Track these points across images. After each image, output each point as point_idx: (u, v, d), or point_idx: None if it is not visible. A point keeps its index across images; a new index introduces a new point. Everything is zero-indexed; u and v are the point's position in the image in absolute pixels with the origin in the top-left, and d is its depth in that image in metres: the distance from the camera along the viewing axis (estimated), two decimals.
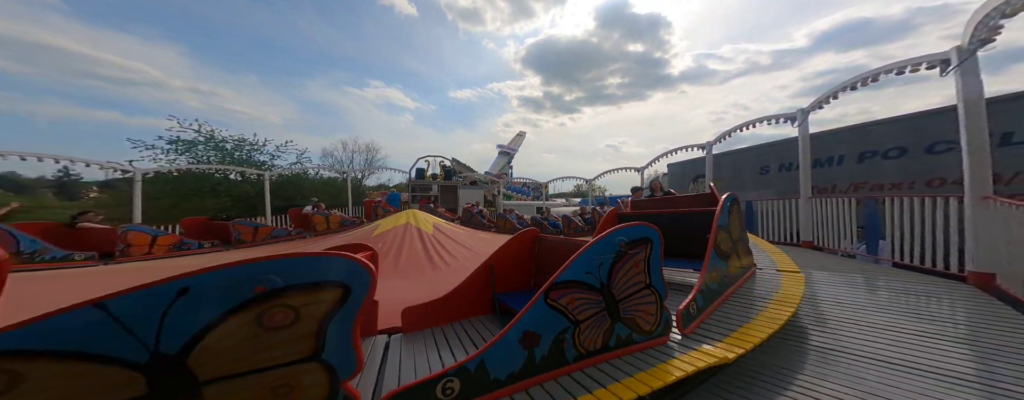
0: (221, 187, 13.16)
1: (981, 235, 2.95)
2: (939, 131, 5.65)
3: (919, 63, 3.41)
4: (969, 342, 1.93)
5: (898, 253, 3.71)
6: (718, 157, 7.97)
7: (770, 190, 8.03)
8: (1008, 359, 1.75)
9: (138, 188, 7.10)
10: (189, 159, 13.03)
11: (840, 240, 4.51)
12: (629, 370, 1.52)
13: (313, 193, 15.39)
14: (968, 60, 2.99)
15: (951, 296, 2.71)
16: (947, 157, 5.52)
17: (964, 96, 3.06)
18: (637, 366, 1.55)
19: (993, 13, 2.60)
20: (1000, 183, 4.55)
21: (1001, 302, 2.55)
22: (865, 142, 6.80)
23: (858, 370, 1.69)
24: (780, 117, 5.46)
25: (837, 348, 1.91)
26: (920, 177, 6.03)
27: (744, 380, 1.67)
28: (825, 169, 7.23)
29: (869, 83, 4.03)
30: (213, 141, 13.84)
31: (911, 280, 3.17)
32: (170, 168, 9.00)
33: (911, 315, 2.33)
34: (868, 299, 2.68)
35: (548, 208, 10.78)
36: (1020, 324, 2.15)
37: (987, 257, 2.90)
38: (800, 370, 1.72)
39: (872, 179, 6.71)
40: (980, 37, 2.83)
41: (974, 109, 3.04)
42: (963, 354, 1.79)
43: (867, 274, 3.43)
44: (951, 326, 2.14)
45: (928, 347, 1.87)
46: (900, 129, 6.38)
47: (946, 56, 3.17)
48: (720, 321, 1.98)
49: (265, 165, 14.94)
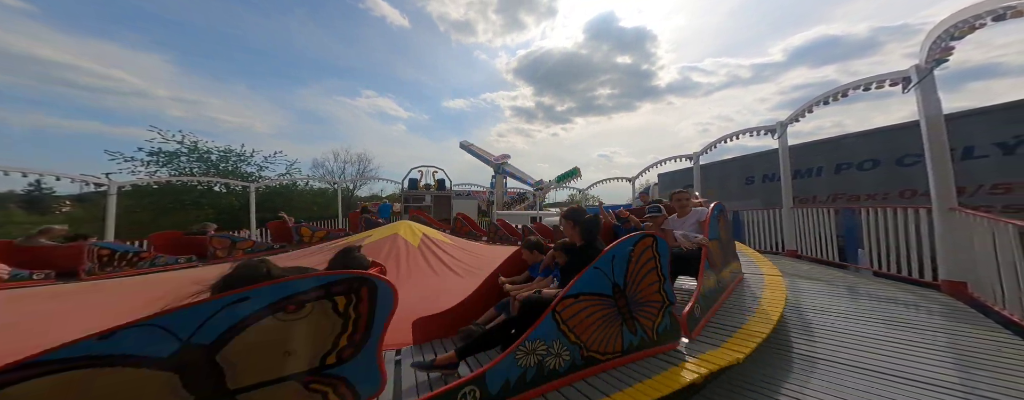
0: (204, 199, 12.80)
1: (950, 245, 3.07)
2: (907, 144, 5.95)
3: (883, 80, 3.63)
4: (944, 349, 1.98)
5: (876, 262, 3.82)
6: (705, 167, 8.19)
7: (755, 200, 8.24)
8: (980, 365, 1.79)
9: (112, 202, 6.83)
10: (171, 171, 12.68)
11: (821, 249, 4.63)
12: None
13: (302, 205, 15.08)
14: (926, 78, 3.19)
15: (926, 304, 2.79)
16: (915, 169, 5.79)
17: (925, 112, 3.26)
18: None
19: (944, 35, 2.81)
20: (965, 195, 4.78)
21: (973, 310, 2.63)
22: (841, 154, 7.09)
23: (840, 378, 1.71)
24: (762, 129, 5.68)
25: (820, 356, 1.93)
26: (892, 188, 6.29)
27: (736, 389, 1.68)
28: (805, 180, 7.48)
29: (840, 98, 4.25)
30: (197, 152, 13.55)
31: (889, 288, 3.26)
32: (150, 180, 8.70)
33: (889, 323, 2.38)
34: (848, 307, 2.73)
35: (540, 218, 10.80)
36: (991, 331, 2.23)
37: (957, 266, 3.01)
38: (785, 379, 1.73)
39: (849, 190, 6.96)
40: (935, 57, 3.04)
41: (934, 124, 3.23)
42: (939, 361, 1.84)
43: (847, 283, 3.51)
44: (928, 334, 2.20)
45: (905, 355, 1.91)
46: (872, 142, 6.69)
47: (907, 74, 3.39)
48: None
49: (252, 176, 14.65)
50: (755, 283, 2.87)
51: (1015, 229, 2.36)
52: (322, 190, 18.05)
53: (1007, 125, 5.12)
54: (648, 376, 1.52)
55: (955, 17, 2.62)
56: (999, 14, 2.26)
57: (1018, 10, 2.09)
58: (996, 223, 2.55)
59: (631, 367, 1.62)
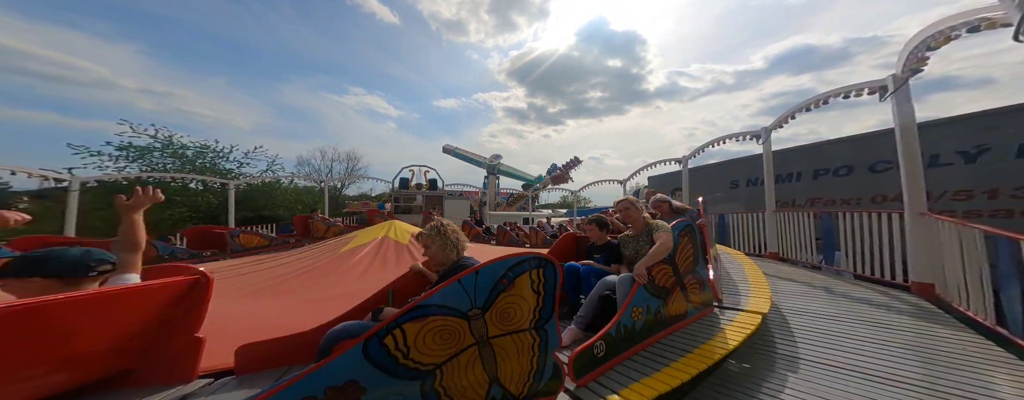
0: (178, 197, 12.17)
1: (919, 248, 3.23)
2: (879, 151, 6.27)
3: (862, 88, 3.79)
4: (913, 348, 2.07)
5: (851, 265, 3.99)
6: (693, 171, 8.38)
7: (740, 204, 8.50)
8: (945, 363, 1.89)
9: (74, 199, 6.40)
10: (142, 166, 12.01)
11: (801, 251, 4.80)
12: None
13: (285, 204, 14.56)
14: (902, 87, 3.35)
15: (897, 305, 2.93)
16: (886, 176, 6.11)
17: (899, 120, 3.42)
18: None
19: (920, 45, 2.95)
20: (930, 200, 5.07)
21: (940, 310, 2.78)
22: (819, 160, 7.40)
23: (818, 377, 1.76)
24: (746, 134, 5.85)
25: (800, 356, 1.99)
26: (866, 193, 6.61)
27: (724, 388, 1.71)
28: (786, 184, 7.77)
29: (821, 105, 4.42)
30: (171, 147, 12.88)
31: (863, 290, 3.40)
32: (119, 176, 8.20)
33: (863, 322, 2.49)
34: (826, 308, 2.83)
35: (532, 219, 10.81)
36: (955, 330, 2.35)
37: (926, 268, 3.17)
38: (767, 379, 1.78)
39: (826, 195, 7.27)
40: (911, 66, 3.19)
41: (908, 132, 3.39)
42: (907, 360, 1.92)
43: (824, 284, 3.65)
44: (899, 333, 2.30)
45: (877, 354, 2.00)
46: (847, 149, 7.01)
47: (884, 83, 3.55)
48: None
49: (231, 173, 14.03)
50: (740, 279, 2.94)
51: (981, 234, 2.50)
52: (308, 188, 17.50)
53: (970, 134, 5.46)
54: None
55: (932, 28, 2.75)
56: (974, 25, 2.38)
57: (991, 21, 2.20)
58: (963, 227, 2.70)
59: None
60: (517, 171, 20.63)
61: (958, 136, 5.52)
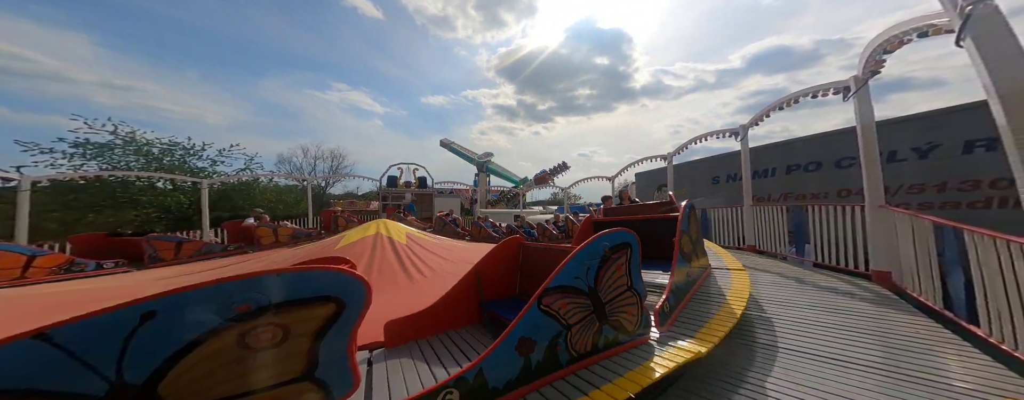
0: (143, 196, 11.45)
1: (878, 238, 3.48)
2: (844, 148, 6.66)
3: (828, 89, 4.02)
4: (873, 333, 2.25)
5: (819, 255, 4.25)
6: (678, 167, 8.63)
7: (720, 199, 8.83)
8: (901, 346, 2.06)
9: (24, 199, 5.91)
10: (102, 165, 11.19)
11: (777, 244, 5.07)
12: (618, 370, 1.60)
13: (265, 203, 13.96)
14: (862, 88, 3.57)
15: (859, 292, 3.15)
16: (851, 171, 6.50)
17: (860, 119, 3.65)
18: (625, 366, 1.64)
19: (877, 49, 3.16)
20: (888, 194, 5.45)
21: (897, 296, 3.01)
22: (791, 157, 7.78)
23: (795, 364, 1.89)
24: (726, 131, 6.08)
25: (778, 345, 2.12)
26: (833, 188, 7.02)
27: (708, 380, 1.79)
28: (761, 180, 8.13)
29: (792, 104, 4.65)
30: (134, 144, 12.06)
31: (829, 279, 3.63)
32: (74, 175, 7.60)
33: (831, 310, 2.67)
34: (798, 297, 3.02)
35: (523, 216, 10.84)
36: (910, 315, 2.56)
37: (884, 257, 3.42)
38: (749, 368, 1.88)
39: (797, 190, 7.67)
40: (870, 68, 3.40)
41: (868, 129, 3.63)
42: (870, 345, 2.08)
43: (796, 274, 3.87)
44: (861, 320, 2.48)
45: (842, 339, 2.15)
46: (816, 146, 7.41)
47: (847, 84, 3.77)
48: (689, 318, 2.16)
49: (204, 172, 13.30)
50: (722, 276, 3.08)
51: (932, 225, 2.72)
52: (290, 187, 16.83)
53: (922, 132, 5.88)
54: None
55: (887, 33, 2.95)
56: (923, 31, 2.57)
57: (938, 28, 2.39)
58: (916, 219, 2.92)
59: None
60: (505, 171, 20.64)
61: (912, 134, 5.93)
